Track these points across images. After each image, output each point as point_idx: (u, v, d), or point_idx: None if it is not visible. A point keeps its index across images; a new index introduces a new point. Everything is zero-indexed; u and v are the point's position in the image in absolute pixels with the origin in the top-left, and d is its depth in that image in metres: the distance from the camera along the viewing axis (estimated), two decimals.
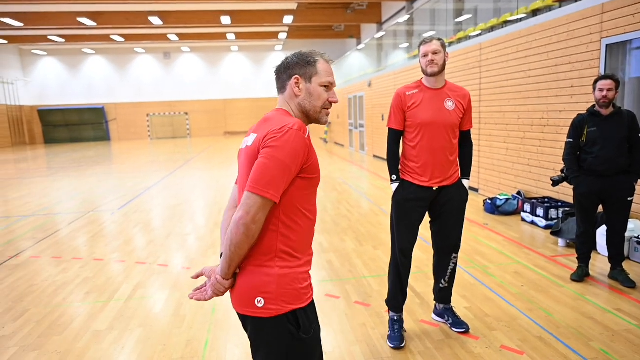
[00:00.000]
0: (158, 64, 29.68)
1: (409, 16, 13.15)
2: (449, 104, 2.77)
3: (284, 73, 1.61)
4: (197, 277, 1.57)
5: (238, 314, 1.50)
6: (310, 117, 1.59)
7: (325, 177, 10.07)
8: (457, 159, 2.92)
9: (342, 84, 18.92)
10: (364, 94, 14.67)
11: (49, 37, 23.92)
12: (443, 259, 3.02)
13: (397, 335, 2.84)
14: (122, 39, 24.96)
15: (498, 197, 6.18)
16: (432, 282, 3.72)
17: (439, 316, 3.15)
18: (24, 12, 19.10)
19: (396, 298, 2.95)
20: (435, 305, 3.19)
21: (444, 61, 2.73)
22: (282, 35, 25.86)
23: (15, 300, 3.62)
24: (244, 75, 30.33)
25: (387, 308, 3.01)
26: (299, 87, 1.56)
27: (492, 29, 8.00)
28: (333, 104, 1.61)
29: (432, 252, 3.09)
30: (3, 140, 25.46)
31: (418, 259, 4.35)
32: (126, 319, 3.23)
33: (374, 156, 13.84)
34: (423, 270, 4.07)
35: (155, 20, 19.96)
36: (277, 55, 30.73)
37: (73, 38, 24.42)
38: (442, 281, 3.07)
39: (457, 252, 3.03)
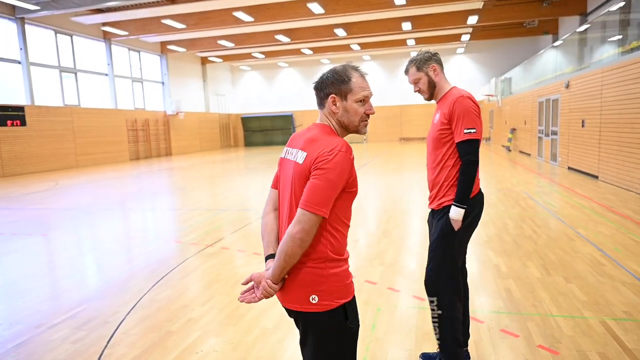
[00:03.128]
0: None
1: (623, 2, 10.94)
2: (436, 117, 2.56)
3: (321, 91, 1.72)
4: (246, 283, 1.72)
5: (288, 310, 1.69)
6: (349, 130, 1.73)
7: (506, 189, 9.07)
8: (450, 181, 2.49)
9: (531, 86, 16.94)
10: (560, 97, 12.80)
11: (252, 54, 27.64)
12: None
13: None
14: (311, 52, 27.23)
15: None
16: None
17: None
18: (235, 34, 22.47)
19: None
20: None
21: (429, 83, 2.55)
22: (465, 37, 24.59)
23: (205, 286, 4.13)
24: None
25: None
26: (335, 105, 1.69)
27: None
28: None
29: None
30: (214, 143, 30.44)
31: (628, 302, 3.46)
32: (291, 320, 3.34)
33: (569, 168, 11.94)
34: (635, 318, 3.20)
35: (340, 32, 21.17)
36: (459, 59, 29.39)
37: (271, 54, 27.71)
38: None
39: (433, 297, 2.51)
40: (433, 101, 2.66)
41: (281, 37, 21.83)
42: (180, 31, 19.19)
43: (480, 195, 2.57)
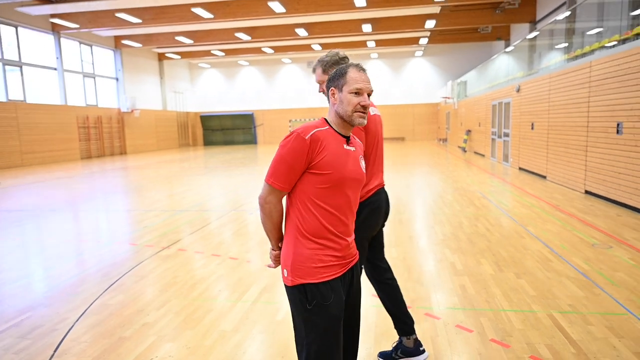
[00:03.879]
0: (302, 73, 31.49)
1: (569, 12, 11.58)
2: None
3: (326, 85, 1.89)
4: None
5: None
6: (345, 120, 1.83)
7: (462, 189, 9.37)
8: None
9: (485, 90, 17.60)
10: (511, 100, 13.37)
11: (212, 51, 27.13)
12: None
13: None
14: (272, 51, 27.06)
15: None
16: (592, 327, 3.08)
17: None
18: (194, 31, 21.97)
19: None
20: None
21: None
22: (423, 41, 25.21)
23: (160, 290, 4.00)
24: (382, 82, 30.37)
25: (530, 354, 2.53)
26: (334, 96, 1.84)
27: None
28: (370, 107, 1.92)
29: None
30: (172, 142, 29.64)
31: (572, 296, 3.65)
32: (251, 322, 3.31)
33: (520, 169, 12.49)
34: (579, 310, 3.38)
35: (302, 32, 21.16)
36: (417, 61, 30.09)
37: (231, 52, 27.31)
38: None
39: None
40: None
41: (241, 35, 21.56)
42: (135, 26, 18.55)
43: (368, 201, 2.56)
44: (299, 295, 1.74)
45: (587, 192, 8.34)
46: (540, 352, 2.79)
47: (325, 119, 1.87)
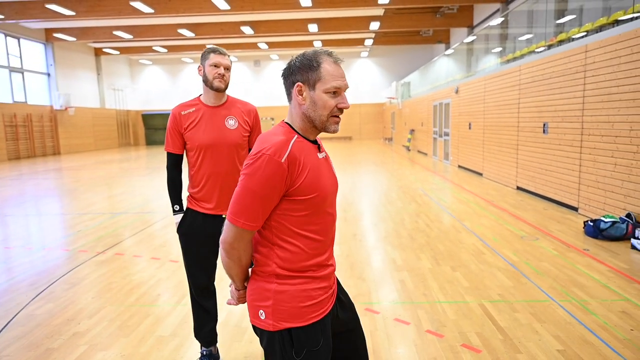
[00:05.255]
0: (248, 71, 31.12)
1: (502, 19, 12.27)
2: (230, 122, 2.51)
3: (287, 79, 1.47)
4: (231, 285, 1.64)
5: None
6: (317, 126, 1.47)
7: (405, 187, 9.67)
8: None
9: (427, 91, 18.27)
10: (451, 101, 13.97)
11: (154, 47, 26.15)
12: None
13: None
14: None
15: (602, 219, 5.40)
16: (518, 314, 3.29)
17: None
18: (134, 26, 21.07)
19: (201, 332, 2.72)
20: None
21: (229, 79, 2.55)
22: (368, 42, 25.72)
23: (94, 297, 3.82)
24: None
25: (462, 342, 2.66)
26: (302, 95, 1.44)
27: (600, 29, 7.10)
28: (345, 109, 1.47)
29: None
30: (111, 141, 28.29)
31: (502, 285, 3.89)
32: (189, 326, 3.23)
33: (459, 166, 13.08)
34: (507, 299, 3.60)
35: (247, 30, 20.90)
36: (363, 62, 30.65)
37: (174, 48, 26.47)
38: None
39: None
40: (200, 96, 2.55)
41: (185, 32, 20.95)
42: (68, 18, 17.47)
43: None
44: (282, 341, 1.41)
45: (518, 187, 8.89)
46: (471, 341, 2.95)
47: (289, 124, 1.49)
